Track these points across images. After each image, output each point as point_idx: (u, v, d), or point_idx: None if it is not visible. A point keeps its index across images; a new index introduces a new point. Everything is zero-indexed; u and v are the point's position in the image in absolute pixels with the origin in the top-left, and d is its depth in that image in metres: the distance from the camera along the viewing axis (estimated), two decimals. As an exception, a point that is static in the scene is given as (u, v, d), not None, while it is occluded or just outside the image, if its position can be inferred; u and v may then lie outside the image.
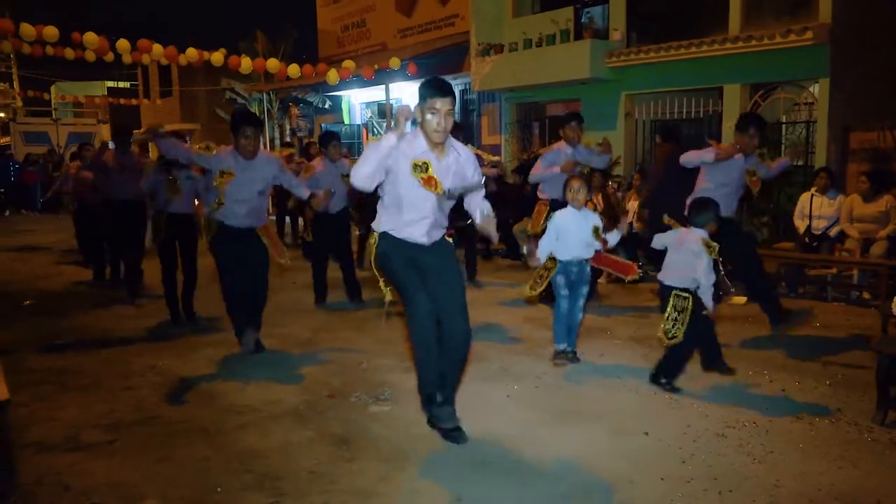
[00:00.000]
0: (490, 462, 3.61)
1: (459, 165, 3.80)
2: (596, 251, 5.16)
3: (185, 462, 3.66)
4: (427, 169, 3.65)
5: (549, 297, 5.53)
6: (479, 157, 8.29)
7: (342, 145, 7.60)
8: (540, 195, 7.08)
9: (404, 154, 3.64)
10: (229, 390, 4.75)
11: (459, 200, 3.92)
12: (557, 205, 5.76)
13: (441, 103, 3.54)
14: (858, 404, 4.30)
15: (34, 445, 3.87)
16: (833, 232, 7.75)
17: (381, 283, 4.00)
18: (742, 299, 7.08)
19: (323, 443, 3.87)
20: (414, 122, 3.73)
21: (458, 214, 4.23)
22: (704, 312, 4.52)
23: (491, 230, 3.85)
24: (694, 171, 5.92)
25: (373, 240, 3.89)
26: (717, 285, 4.74)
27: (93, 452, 3.79)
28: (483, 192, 3.93)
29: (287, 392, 4.68)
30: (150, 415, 4.32)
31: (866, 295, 7.28)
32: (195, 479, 3.49)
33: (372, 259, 3.88)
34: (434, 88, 3.56)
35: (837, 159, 9.04)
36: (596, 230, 5.07)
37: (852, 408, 4.27)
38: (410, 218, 3.76)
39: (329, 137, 7.34)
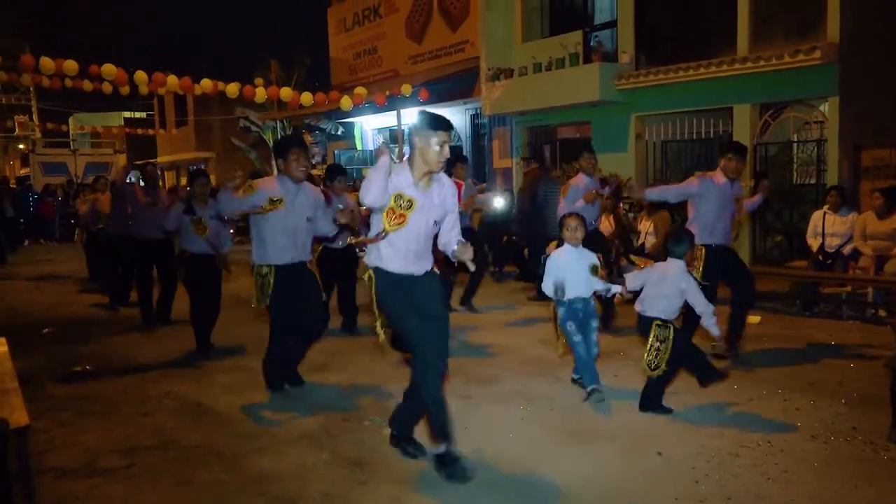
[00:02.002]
0: (503, 483, 3.62)
1: (441, 197, 3.83)
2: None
3: (203, 486, 3.71)
4: (411, 206, 3.68)
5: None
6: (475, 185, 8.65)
7: (348, 177, 7.54)
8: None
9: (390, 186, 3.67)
10: (245, 415, 4.80)
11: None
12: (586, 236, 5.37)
13: (446, 136, 3.67)
14: (874, 423, 4.27)
15: (54, 471, 3.92)
16: (846, 250, 7.72)
17: (378, 326, 3.96)
18: (756, 318, 7.06)
19: (337, 465, 3.90)
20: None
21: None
22: (714, 345, 4.53)
23: (467, 259, 3.78)
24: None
25: (367, 276, 3.85)
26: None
27: (111, 477, 3.84)
28: (457, 226, 3.92)
29: (301, 416, 4.71)
30: (167, 439, 4.37)
31: (882, 312, 7.23)
32: (212, 502, 3.53)
33: (373, 297, 3.83)
34: (439, 122, 3.68)
35: (849, 177, 9.03)
36: (594, 268, 4.96)
37: (868, 426, 4.24)
38: (389, 251, 3.76)
39: (335, 172, 7.13)
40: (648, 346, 4.56)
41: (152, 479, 3.79)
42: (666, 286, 4.59)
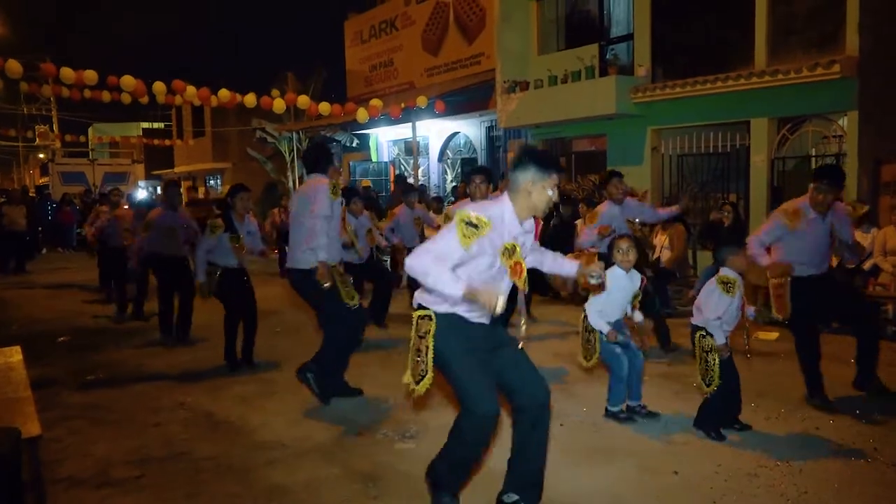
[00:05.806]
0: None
1: (530, 225, 3.33)
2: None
3: (214, 498, 3.68)
4: (514, 252, 3.13)
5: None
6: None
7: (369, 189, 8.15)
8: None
9: (496, 239, 3.10)
10: (257, 427, 4.78)
11: None
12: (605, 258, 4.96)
13: (559, 179, 3.20)
14: (896, 443, 4.19)
15: (65, 481, 3.92)
16: (866, 266, 7.61)
17: (408, 375, 3.31)
18: (773, 334, 6.97)
19: (349, 479, 3.87)
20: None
21: None
22: (717, 347, 4.36)
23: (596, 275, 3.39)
24: None
25: (428, 325, 3.21)
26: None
27: (122, 488, 3.83)
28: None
29: (314, 429, 4.69)
30: (178, 451, 4.36)
31: (902, 330, 7.11)
32: (222, 515, 3.50)
33: (429, 346, 3.20)
34: (554, 164, 3.18)
35: (869, 192, 8.92)
36: (636, 296, 4.69)
37: (890, 447, 4.16)
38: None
39: (351, 194, 7.68)
40: (697, 359, 4.45)
41: (163, 491, 3.78)
42: (704, 293, 4.51)
